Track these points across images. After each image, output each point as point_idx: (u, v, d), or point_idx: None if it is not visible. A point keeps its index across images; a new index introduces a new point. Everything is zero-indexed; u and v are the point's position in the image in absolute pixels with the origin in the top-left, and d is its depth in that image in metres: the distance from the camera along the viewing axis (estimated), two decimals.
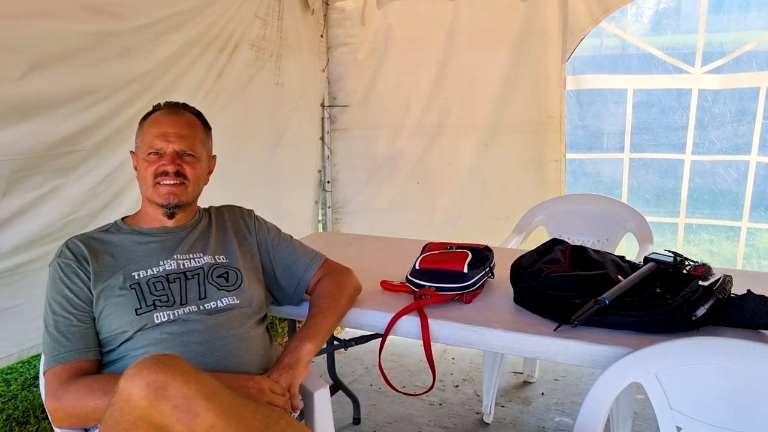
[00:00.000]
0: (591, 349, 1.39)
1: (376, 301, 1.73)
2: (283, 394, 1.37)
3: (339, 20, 3.69)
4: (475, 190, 3.61)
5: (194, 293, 1.47)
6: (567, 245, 1.83)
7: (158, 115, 1.58)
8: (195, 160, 1.56)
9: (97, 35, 2.31)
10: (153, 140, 1.52)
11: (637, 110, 3.51)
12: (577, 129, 3.64)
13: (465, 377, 3.00)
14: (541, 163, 3.43)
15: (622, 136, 3.53)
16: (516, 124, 3.45)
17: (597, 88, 3.55)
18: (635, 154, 3.54)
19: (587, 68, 3.54)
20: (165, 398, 1.05)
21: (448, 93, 3.55)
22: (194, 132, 1.58)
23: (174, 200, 1.53)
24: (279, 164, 3.48)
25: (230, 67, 3.00)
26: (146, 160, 1.53)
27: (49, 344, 1.39)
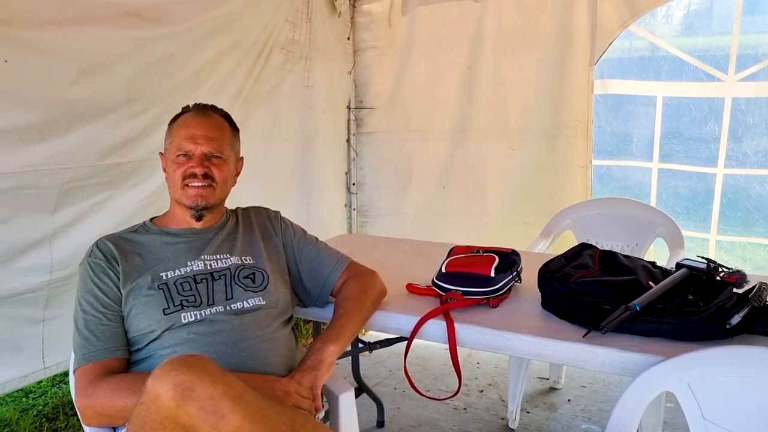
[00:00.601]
0: (621, 357, 1.37)
1: (401, 304, 1.72)
2: (309, 397, 1.38)
3: (366, 23, 3.69)
4: (501, 194, 3.58)
5: (221, 294, 1.48)
6: (596, 250, 1.80)
7: (187, 117, 1.59)
8: (222, 162, 1.57)
9: (139, 41, 2.33)
10: (181, 142, 1.54)
11: (667, 118, 3.40)
12: (604, 134, 3.56)
13: (490, 382, 2.98)
14: (568, 169, 3.38)
15: (651, 144, 3.44)
16: (543, 129, 3.40)
17: (625, 94, 3.48)
18: (664, 164, 3.43)
19: (616, 72, 3.47)
20: (192, 399, 1.06)
21: (474, 96, 3.52)
22: (222, 134, 1.59)
23: (202, 202, 1.54)
24: (309, 166, 3.50)
25: (265, 71, 3.02)
26: (175, 162, 1.54)
27: (78, 343, 1.41)
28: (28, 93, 2.02)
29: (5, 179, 1.99)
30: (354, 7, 3.67)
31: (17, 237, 2.06)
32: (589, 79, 3.26)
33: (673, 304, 1.46)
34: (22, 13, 1.97)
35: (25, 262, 2.09)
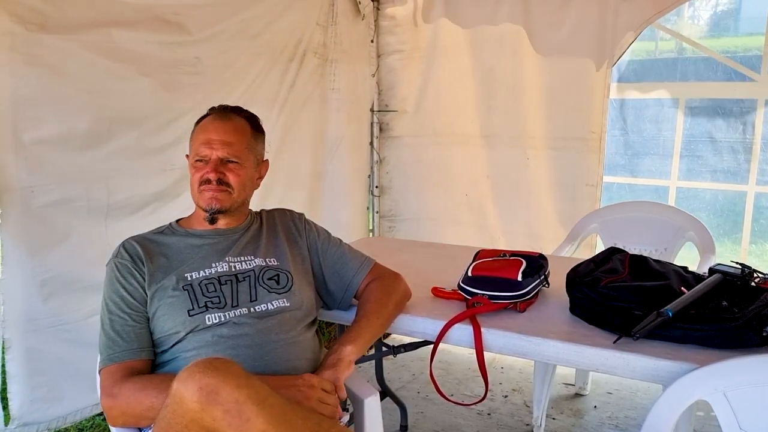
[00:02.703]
0: (653, 364, 1.33)
1: (427, 308, 1.70)
2: (332, 391, 1.37)
3: (390, 27, 3.68)
4: (513, 210, 3.45)
5: (245, 295, 1.48)
6: (626, 254, 1.76)
7: (206, 120, 1.59)
8: (239, 167, 1.55)
9: (168, 44, 2.35)
10: (199, 147, 1.54)
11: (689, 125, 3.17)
12: (618, 146, 3.33)
13: (514, 387, 2.94)
14: (576, 188, 3.20)
15: (670, 158, 3.15)
16: (554, 140, 3.25)
17: (644, 98, 3.24)
18: (684, 182, 3.14)
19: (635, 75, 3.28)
20: (217, 402, 1.05)
21: (492, 101, 3.42)
22: (240, 138, 1.57)
23: (216, 205, 1.54)
24: (334, 169, 3.51)
25: (300, 76, 3.02)
26: (193, 167, 1.55)
27: (104, 343, 1.41)
28: (67, 98, 2.03)
29: (55, 191, 1.98)
30: (378, 10, 3.67)
31: (77, 254, 2.04)
32: (605, 83, 3.07)
33: (706, 311, 1.42)
34: (57, 18, 2.00)
35: (86, 279, 2.05)
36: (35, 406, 1.97)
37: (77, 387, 2.06)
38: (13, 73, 1.90)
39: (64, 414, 2.06)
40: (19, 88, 1.91)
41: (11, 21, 1.88)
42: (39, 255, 1.95)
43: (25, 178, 1.92)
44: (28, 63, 1.93)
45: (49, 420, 2.01)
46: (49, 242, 1.98)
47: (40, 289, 1.95)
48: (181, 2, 2.41)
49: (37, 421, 1.98)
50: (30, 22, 1.92)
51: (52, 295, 1.98)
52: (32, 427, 1.98)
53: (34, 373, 1.96)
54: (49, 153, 1.98)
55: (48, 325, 1.97)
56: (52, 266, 1.98)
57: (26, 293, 1.93)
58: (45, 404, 2.00)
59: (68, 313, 2.03)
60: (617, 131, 3.26)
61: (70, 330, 2.03)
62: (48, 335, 1.97)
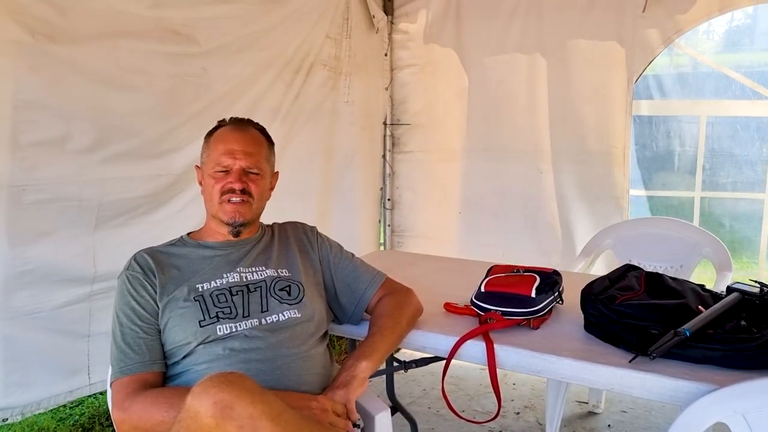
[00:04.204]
0: (670, 384, 1.31)
1: (439, 323, 1.68)
2: (343, 414, 1.36)
3: (403, 41, 3.69)
4: (530, 222, 3.42)
5: (256, 305, 1.48)
6: (642, 272, 1.74)
7: (225, 131, 1.60)
8: (260, 178, 1.57)
9: (176, 56, 2.39)
10: (220, 157, 1.54)
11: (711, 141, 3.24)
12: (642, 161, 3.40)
13: (527, 404, 2.91)
14: (601, 201, 3.17)
15: (693, 171, 3.23)
16: (575, 154, 3.24)
17: (666, 115, 3.32)
18: (708, 192, 3.23)
19: (655, 92, 3.34)
20: (231, 417, 1.05)
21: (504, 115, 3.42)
22: (260, 149, 1.59)
23: (240, 219, 1.55)
24: (346, 182, 3.51)
25: (306, 88, 3.04)
26: (213, 177, 1.55)
27: (116, 356, 1.41)
28: (68, 105, 2.07)
29: (46, 190, 2.03)
30: (392, 24, 3.68)
31: (60, 249, 2.09)
32: (627, 99, 3.09)
33: (725, 330, 1.40)
34: (66, 30, 2.03)
35: (68, 273, 2.12)
36: (9, 390, 2.01)
37: (51, 374, 2.11)
38: (17, 79, 1.94)
39: (38, 400, 2.09)
40: (21, 92, 1.95)
41: (21, 31, 1.93)
42: (21, 247, 2.00)
43: (19, 177, 1.97)
44: (33, 70, 1.97)
45: (23, 405, 2.05)
46: (32, 236, 2.02)
47: (19, 279, 1.99)
48: (192, 15, 2.44)
49: (11, 406, 2.02)
50: (39, 33, 1.96)
51: (30, 285, 2.02)
52: (6, 411, 2.01)
53: (9, 359, 2.00)
54: (45, 155, 2.02)
55: (24, 313, 2.02)
56: (33, 258, 2.02)
57: (5, 282, 1.97)
58: (19, 389, 2.03)
59: (44, 302, 2.07)
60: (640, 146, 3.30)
61: (45, 318, 2.08)
62: (24, 323, 2.02)
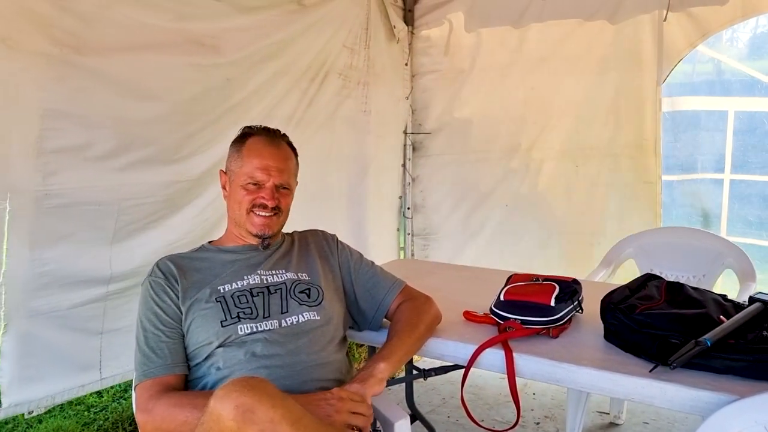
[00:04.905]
0: (691, 394, 1.30)
1: (458, 331, 1.69)
2: (361, 401, 1.36)
3: (424, 48, 3.72)
4: (565, 213, 3.53)
5: (276, 306, 1.51)
6: (662, 281, 1.73)
7: (259, 144, 1.61)
8: (288, 192, 1.62)
9: (200, 67, 2.43)
10: (254, 171, 1.57)
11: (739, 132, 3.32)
12: (674, 150, 3.50)
13: (547, 414, 2.89)
14: (635, 186, 3.31)
15: (722, 157, 3.37)
16: (608, 147, 3.36)
17: (695, 110, 3.41)
18: (736, 175, 3.36)
19: (684, 90, 3.40)
20: (252, 421, 1.07)
21: (537, 117, 3.51)
22: (290, 165, 1.63)
23: (268, 232, 1.59)
24: (365, 191, 3.53)
25: (320, 96, 3.07)
26: (244, 188, 1.57)
27: (139, 359, 1.44)
28: (91, 114, 2.12)
29: (67, 195, 2.09)
30: (412, 34, 3.71)
31: (79, 251, 2.15)
32: (656, 98, 3.19)
33: (747, 341, 1.39)
34: (92, 42, 2.09)
35: (84, 275, 2.18)
36: (24, 384, 2.07)
37: (64, 369, 2.17)
38: (43, 88, 1.99)
39: (52, 393, 2.15)
40: (46, 101, 2.00)
41: (48, 43, 1.98)
42: (40, 249, 2.05)
43: (41, 182, 2.02)
44: (58, 80, 2.02)
45: (38, 398, 2.12)
46: (52, 239, 2.08)
47: (37, 280, 2.05)
48: (216, 26, 2.48)
49: (27, 400, 2.08)
50: (66, 45, 2.01)
51: (48, 286, 2.08)
52: (23, 406, 2.08)
53: (25, 354, 2.06)
54: (67, 161, 2.07)
55: (41, 312, 2.08)
56: (52, 260, 2.08)
57: (25, 282, 2.03)
58: (33, 383, 2.09)
59: (61, 302, 2.13)
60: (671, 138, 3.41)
61: (61, 317, 2.13)
62: (41, 321, 2.08)
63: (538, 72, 3.46)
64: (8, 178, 1.95)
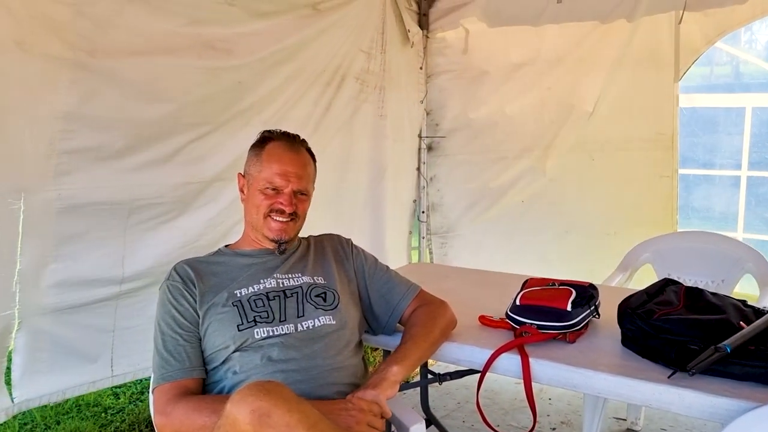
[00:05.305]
0: (711, 401, 1.29)
1: (474, 336, 1.69)
2: (378, 414, 1.37)
3: (440, 48, 3.71)
4: (582, 206, 3.55)
5: (293, 310, 1.51)
6: (681, 286, 1.71)
7: (279, 149, 1.61)
8: (306, 198, 1.62)
9: (211, 70, 2.45)
10: (273, 177, 1.57)
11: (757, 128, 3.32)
12: (691, 146, 3.49)
13: (563, 420, 2.87)
14: (652, 179, 3.35)
15: (740, 153, 3.39)
16: (624, 142, 3.40)
17: (713, 107, 3.40)
18: (754, 171, 3.35)
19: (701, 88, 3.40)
20: (269, 425, 1.07)
21: (553, 116, 3.52)
22: (309, 172, 1.64)
23: (285, 237, 1.60)
24: (381, 195, 3.53)
25: (337, 100, 3.07)
26: (263, 193, 1.58)
27: (157, 363, 1.45)
28: (103, 116, 2.15)
29: (79, 195, 2.12)
30: (427, 38, 3.71)
31: (91, 251, 2.18)
32: (674, 95, 3.23)
33: (767, 347, 1.37)
34: (105, 45, 2.11)
35: (97, 274, 2.21)
36: (35, 378, 2.10)
37: (75, 365, 2.20)
38: (56, 91, 2.02)
39: (63, 389, 2.19)
40: (59, 104, 2.03)
41: (63, 47, 2.00)
42: (53, 248, 2.08)
43: (54, 182, 2.05)
44: (72, 83, 2.05)
45: (49, 393, 2.15)
46: (64, 238, 2.11)
47: (50, 278, 2.08)
48: (231, 30, 2.49)
49: (38, 394, 2.12)
50: (80, 49, 2.04)
51: (61, 284, 2.11)
52: (35, 400, 2.11)
53: (37, 350, 2.09)
54: (80, 162, 2.10)
55: (53, 310, 2.11)
56: (64, 259, 2.11)
57: (39, 281, 2.06)
58: (44, 378, 2.12)
59: (73, 300, 2.16)
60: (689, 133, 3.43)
61: (73, 314, 2.16)
62: (53, 318, 2.12)
63: (554, 72, 3.46)
64: (22, 179, 1.98)
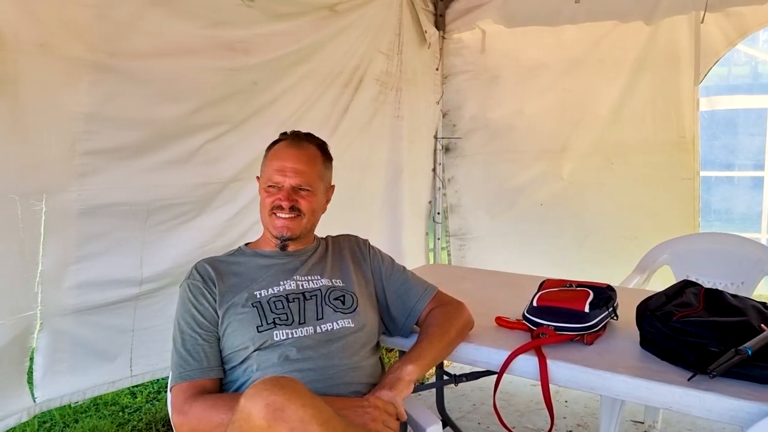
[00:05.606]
0: (731, 404, 1.27)
1: (491, 337, 1.68)
2: (393, 414, 1.37)
3: (456, 49, 3.72)
4: (601, 209, 3.52)
5: (312, 313, 1.52)
6: (701, 288, 1.69)
7: (281, 147, 1.64)
8: (310, 194, 1.60)
9: (231, 71, 2.47)
10: (272, 173, 1.59)
11: None
12: (711, 148, 3.46)
13: (579, 422, 2.84)
14: (672, 182, 3.30)
15: (761, 154, 3.36)
16: (644, 145, 3.36)
17: (733, 109, 3.36)
18: None
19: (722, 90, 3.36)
20: (282, 420, 1.08)
21: (572, 118, 3.50)
22: (312, 166, 1.62)
23: (287, 233, 1.59)
24: (397, 197, 3.54)
25: (356, 102, 3.08)
26: (266, 191, 1.60)
27: (176, 361, 1.47)
28: (123, 117, 2.17)
29: (99, 196, 2.14)
30: (444, 39, 3.71)
31: (110, 251, 2.20)
32: (694, 97, 3.20)
33: None
34: (126, 47, 2.14)
35: (116, 274, 2.23)
36: (56, 378, 2.13)
37: (95, 365, 2.23)
38: (76, 92, 2.04)
39: (83, 388, 2.22)
40: (80, 105, 2.05)
41: (84, 49, 2.03)
42: (73, 248, 2.11)
43: (74, 184, 2.07)
44: (91, 84, 2.07)
45: (70, 393, 2.18)
46: (84, 238, 2.13)
47: (70, 279, 2.11)
48: (249, 32, 2.51)
49: (59, 394, 2.14)
50: (100, 51, 2.06)
51: (81, 284, 2.14)
52: (56, 400, 2.14)
53: (57, 350, 2.12)
54: (99, 162, 2.12)
55: (73, 310, 2.14)
56: (84, 259, 2.13)
57: (60, 281, 2.09)
58: (64, 377, 2.15)
59: (93, 301, 2.18)
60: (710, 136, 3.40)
61: (93, 315, 2.19)
62: (73, 318, 2.14)
63: (572, 73, 3.45)
64: (44, 180, 2.01)
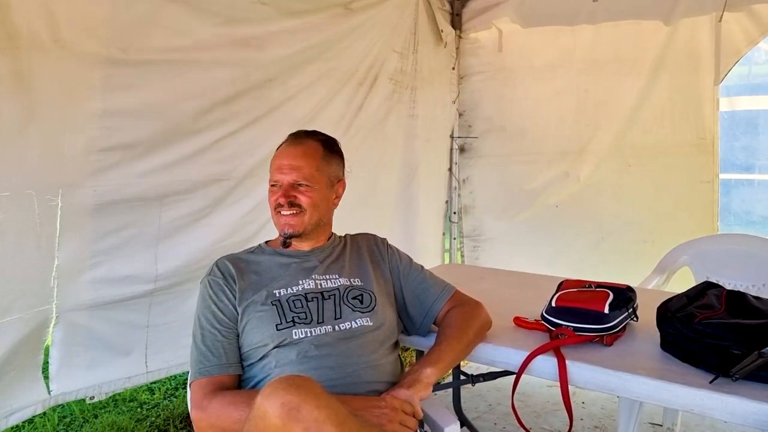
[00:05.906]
0: (755, 407, 1.25)
1: (509, 337, 1.67)
2: (411, 413, 1.37)
3: (473, 49, 3.70)
4: (618, 212, 3.49)
5: (330, 312, 1.52)
6: (722, 290, 1.67)
7: (282, 146, 1.66)
8: (309, 189, 1.59)
9: (245, 68, 2.48)
10: (273, 172, 1.62)
11: None
12: (732, 150, 3.41)
13: (596, 424, 2.82)
14: (691, 185, 3.27)
15: None
16: (663, 147, 3.33)
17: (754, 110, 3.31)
18: None
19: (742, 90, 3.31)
20: (297, 419, 1.08)
21: (589, 119, 3.47)
22: (309, 161, 1.61)
23: (289, 231, 1.60)
24: (412, 196, 3.53)
25: (370, 100, 3.08)
26: (270, 191, 1.62)
27: (195, 357, 1.48)
28: (138, 113, 2.18)
29: (114, 191, 2.16)
30: (460, 38, 3.69)
31: (125, 247, 2.22)
32: (714, 98, 3.16)
33: None
34: (140, 43, 2.15)
35: (131, 270, 2.25)
36: (72, 372, 2.14)
37: (111, 361, 2.24)
38: (90, 89, 2.06)
39: (99, 383, 2.23)
40: (95, 101, 2.07)
41: (98, 45, 2.04)
42: (88, 244, 2.12)
43: (90, 179, 2.09)
44: (105, 81, 2.08)
45: (86, 387, 2.20)
46: (99, 234, 2.15)
47: (86, 274, 2.13)
48: (263, 29, 2.52)
49: (74, 388, 2.16)
50: (114, 47, 2.08)
51: (96, 280, 2.16)
52: (71, 394, 2.16)
53: (73, 344, 2.13)
54: (115, 158, 2.13)
55: (89, 305, 2.15)
56: (99, 255, 2.15)
57: (76, 276, 2.11)
58: (81, 372, 2.17)
59: (108, 296, 2.20)
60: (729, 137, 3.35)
61: (108, 310, 2.20)
62: (89, 313, 2.16)
63: (591, 74, 3.42)
64: (60, 176, 2.03)
